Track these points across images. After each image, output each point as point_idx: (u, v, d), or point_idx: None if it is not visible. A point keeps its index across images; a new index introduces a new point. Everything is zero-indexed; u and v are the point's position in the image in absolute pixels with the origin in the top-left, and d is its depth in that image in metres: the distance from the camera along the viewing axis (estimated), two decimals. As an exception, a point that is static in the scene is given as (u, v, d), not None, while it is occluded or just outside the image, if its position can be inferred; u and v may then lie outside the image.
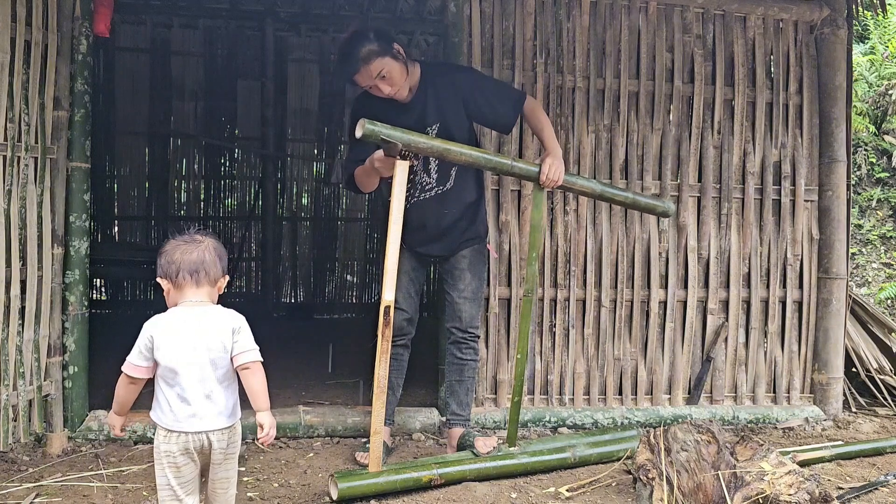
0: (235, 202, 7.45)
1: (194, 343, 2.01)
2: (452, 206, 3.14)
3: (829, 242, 4.01)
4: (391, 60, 2.95)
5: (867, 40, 9.25)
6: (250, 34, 7.06)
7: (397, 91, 3.00)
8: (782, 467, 2.48)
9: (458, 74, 3.19)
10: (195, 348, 2.00)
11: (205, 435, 2.00)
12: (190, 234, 2.13)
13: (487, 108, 3.11)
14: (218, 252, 2.12)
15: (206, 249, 2.09)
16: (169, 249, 2.09)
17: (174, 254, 2.07)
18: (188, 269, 2.06)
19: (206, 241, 2.11)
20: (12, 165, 3.01)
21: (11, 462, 2.97)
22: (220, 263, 2.11)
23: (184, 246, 2.08)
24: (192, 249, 2.08)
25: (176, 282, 2.06)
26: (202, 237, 2.12)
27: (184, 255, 2.07)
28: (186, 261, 2.06)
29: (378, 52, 2.92)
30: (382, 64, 2.93)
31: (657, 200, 3.28)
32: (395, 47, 2.98)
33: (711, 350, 3.92)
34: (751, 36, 4.00)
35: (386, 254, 2.74)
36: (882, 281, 7.18)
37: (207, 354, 2.01)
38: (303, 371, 4.75)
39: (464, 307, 3.20)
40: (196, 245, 2.09)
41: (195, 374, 2.00)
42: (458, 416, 3.26)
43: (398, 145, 2.72)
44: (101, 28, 3.33)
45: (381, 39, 2.95)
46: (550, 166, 2.92)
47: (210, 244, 2.11)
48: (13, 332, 3.03)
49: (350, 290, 7.58)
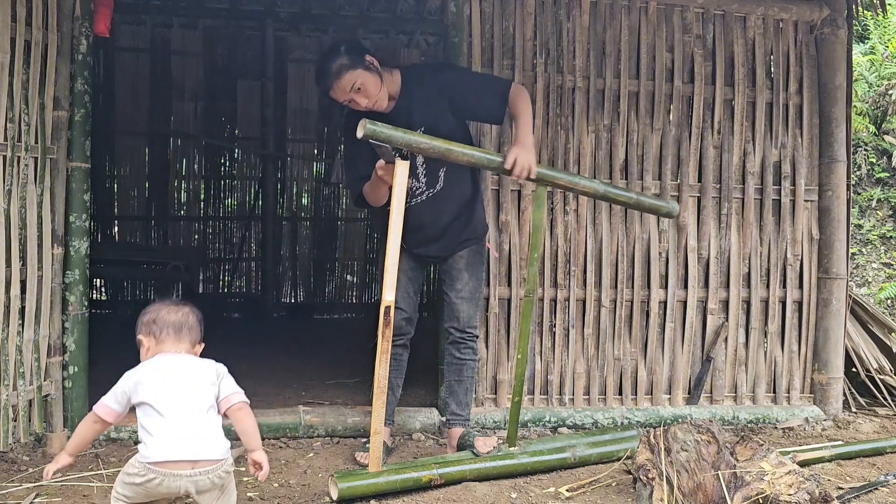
0: (235, 202, 7.46)
1: (182, 380, 2.06)
2: (446, 207, 3.13)
3: (829, 242, 4.01)
4: (363, 72, 2.91)
5: (867, 40, 9.25)
6: (250, 34, 7.06)
7: (374, 103, 2.96)
8: (782, 467, 2.48)
9: (440, 74, 3.17)
10: (183, 385, 2.05)
11: (182, 481, 1.99)
12: (172, 301, 2.26)
13: (474, 101, 3.06)
14: (199, 318, 2.22)
15: (188, 313, 2.20)
16: (153, 310, 2.19)
17: (159, 312, 2.18)
18: (172, 327, 2.15)
19: (188, 307, 2.22)
20: (12, 165, 3.01)
21: (11, 462, 2.97)
22: (198, 328, 2.21)
23: (168, 307, 2.20)
24: (176, 311, 2.19)
25: (159, 338, 2.14)
26: (184, 304, 2.24)
27: (169, 315, 2.17)
28: (171, 319, 2.16)
29: (349, 65, 2.89)
30: (354, 77, 2.90)
31: (661, 201, 3.28)
32: (368, 59, 2.94)
33: (711, 350, 3.92)
34: (751, 36, 4.00)
35: (386, 254, 2.74)
36: (882, 281, 7.18)
37: (195, 392, 2.06)
38: (303, 371, 4.75)
39: (462, 307, 3.20)
40: (179, 308, 2.20)
41: (184, 408, 2.03)
42: (458, 416, 3.26)
43: (391, 150, 2.70)
44: (101, 28, 3.33)
45: (351, 53, 2.92)
46: (516, 157, 2.82)
47: (191, 310, 2.22)
48: (13, 332, 3.03)
49: (350, 290, 7.59)
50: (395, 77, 3.07)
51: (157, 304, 2.22)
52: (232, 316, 7.22)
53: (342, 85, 2.91)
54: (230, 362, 2.23)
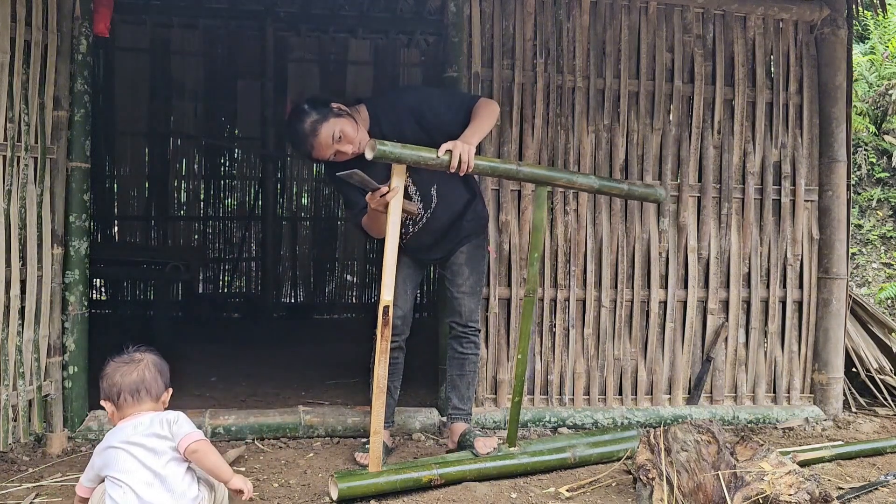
0: (235, 202, 7.46)
1: (137, 446, 2.06)
2: (445, 218, 3.13)
3: (830, 242, 4.01)
4: (336, 120, 2.86)
5: (867, 40, 9.25)
6: (250, 34, 7.06)
7: (358, 145, 2.89)
8: (782, 467, 2.48)
9: (405, 95, 3.18)
10: (139, 451, 2.05)
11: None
12: (129, 353, 2.21)
13: (434, 117, 2.98)
14: (159, 368, 2.20)
15: (145, 368, 2.17)
16: (109, 372, 2.17)
17: (114, 377, 2.15)
18: (128, 391, 2.13)
19: (144, 359, 2.19)
20: (12, 165, 3.01)
21: (11, 462, 2.97)
22: (160, 379, 2.19)
23: (123, 367, 2.16)
24: (131, 370, 2.15)
25: (118, 404, 2.14)
26: (141, 355, 2.20)
27: (123, 378, 2.14)
28: (126, 383, 2.13)
29: (320, 119, 2.85)
30: (331, 127, 2.84)
31: (649, 189, 3.29)
32: (334, 107, 2.90)
33: (711, 350, 3.92)
34: (751, 36, 4.00)
35: (384, 253, 2.74)
36: (882, 281, 7.18)
37: (150, 454, 2.06)
38: (303, 371, 4.75)
39: (463, 302, 3.20)
40: (135, 366, 2.17)
41: (142, 475, 2.03)
42: (460, 411, 3.26)
43: (364, 177, 2.70)
44: (100, 28, 3.33)
45: (317, 106, 2.88)
46: (450, 149, 2.71)
47: (149, 361, 2.19)
48: (13, 332, 3.03)
49: (350, 290, 7.59)
50: (363, 111, 3.03)
51: (113, 365, 2.18)
52: (232, 316, 7.23)
53: (321, 140, 2.86)
54: (230, 362, 2.23)
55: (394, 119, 3.01)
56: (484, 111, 2.93)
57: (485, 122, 2.89)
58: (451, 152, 2.70)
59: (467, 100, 3.05)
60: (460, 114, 2.96)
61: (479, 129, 2.85)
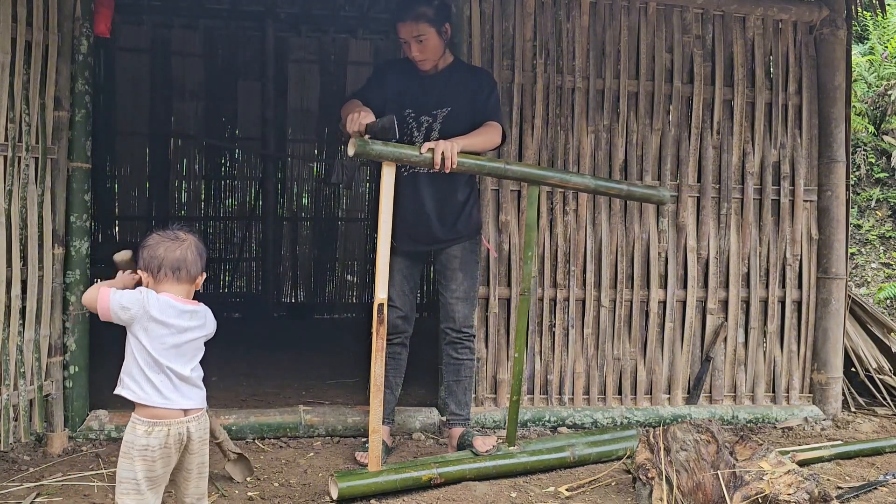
0: (236, 202, 7.45)
1: (181, 324, 2.06)
2: (441, 189, 3.15)
3: (829, 242, 4.02)
4: (435, 34, 3.09)
5: (866, 41, 9.26)
6: (250, 35, 7.06)
7: (424, 61, 3.12)
8: (781, 467, 2.49)
9: (482, 73, 3.34)
10: (180, 328, 2.06)
11: (185, 427, 2.02)
12: (174, 230, 2.16)
13: (477, 114, 3.14)
14: (199, 251, 2.15)
15: (188, 248, 2.12)
16: (152, 244, 2.11)
17: (157, 249, 2.10)
18: (170, 266, 2.09)
19: (188, 240, 2.14)
20: (13, 165, 3.02)
21: (12, 462, 2.97)
22: (200, 262, 2.15)
23: (167, 243, 2.11)
24: (175, 247, 2.11)
25: (157, 277, 2.10)
26: (185, 235, 2.15)
27: (167, 253, 2.10)
28: (169, 258, 2.09)
29: (430, 19, 3.06)
30: (427, 31, 3.06)
31: (651, 190, 3.29)
32: (446, 27, 3.12)
33: (711, 350, 3.92)
34: (750, 36, 4.00)
35: (377, 251, 2.76)
36: (881, 281, 7.19)
37: (190, 336, 2.07)
38: (303, 371, 4.75)
39: (457, 307, 3.20)
40: (179, 243, 2.12)
41: (179, 352, 2.04)
42: (458, 416, 3.27)
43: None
44: (101, 28, 3.33)
45: (439, 11, 3.10)
46: (433, 147, 2.81)
47: (192, 242, 2.15)
48: (14, 332, 3.03)
49: (350, 290, 7.58)
50: (450, 58, 3.24)
51: (157, 237, 2.12)
52: (232, 316, 7.22)
53: (412, 29, 3.07)
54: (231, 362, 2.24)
55: (463, 83, 3.19)
56: (488, 130, 3.09)
57: (480, 138, 3.05)
58: (433, 150, 2.80)
59: (492, 115, 3.17)
60: (478, 117, 3.13)
61: (471, 138, 3.00)
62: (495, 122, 3.13)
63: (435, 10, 3.08)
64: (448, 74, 3.20)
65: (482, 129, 3.07)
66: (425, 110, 3.16)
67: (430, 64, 3.15)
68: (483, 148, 3.07)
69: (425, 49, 3.09)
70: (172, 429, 2.00)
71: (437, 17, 3.09)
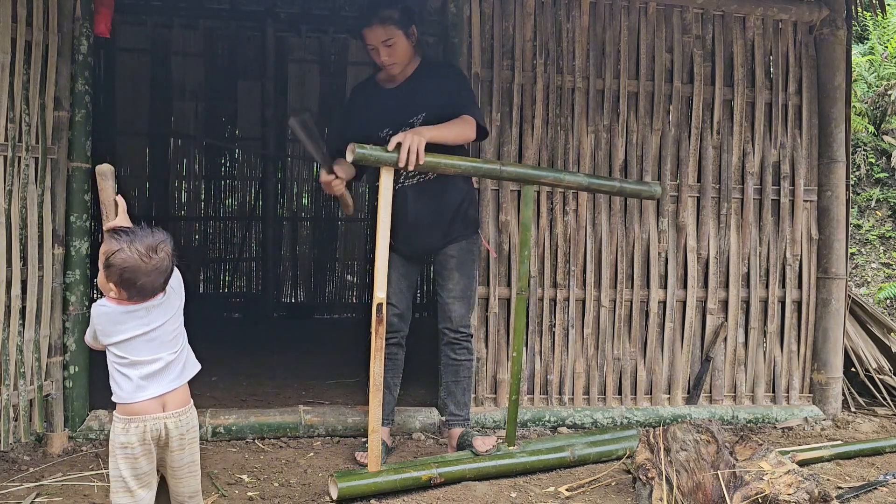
0: (236, 202, 7.46)
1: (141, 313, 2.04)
2: (436, 195, 3.14)
3: (829, 242, 4.02)
4: (403, 37, 3.07)
5: (866, 41, 9.26)
6: (250, 34, 7.06)
7: (393, 65, 3.09)
8: (781, 467, 2.49)
9: (450, 69, 3.33)
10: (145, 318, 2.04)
11: (162, 423, 2.02)
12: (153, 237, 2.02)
13: (445, 109, 3.07)
14: (171, 259, 2.04)
15: (159, 262, 2.01)
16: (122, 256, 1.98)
17: (127, 264, 1.97)
18: (139, 292, 2.02)
19: (161, 251, 2.01)
20: (13, 165, 3.02)
21: (12, 462, 2.97)
22: (168, 271, 2.05)
23: (140, 259, 1.98)
24: (147, 263, 1.98)
25: (128, 294, 2.02)
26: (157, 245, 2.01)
27: (138, 275, 1.98)
28: (141, 283, 2.00)
29: (395, 21, 3.04)
30: (394, 34, 3.04)
31: (643, 185, 3.29)
32: (412, 29, 3.10)
33: (711, 350, 3.92)
34: (750, 36, 4.00)
35: (375, 251, 2.76)
36: (881, 281, 7.19)
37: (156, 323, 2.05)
38: (303, 371, 4.75)
39: (453, 307, 3.20)
40: (151, 258, 1.99)
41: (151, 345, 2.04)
42: (457, 417, 3.26)
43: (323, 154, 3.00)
44: (101, 28, 3.33)
45: (404, 13, 3.07)
46: (399, 140, 2.76)
47: (163, 258, 2.01)
48: (14, 332, 3.04)
49: (350, 290, 7.59)
50: (416, 61, 3.20)
51: (129, 244, 1.97)
52: (232, 316, 7.23)
53: (379, 33, 3.05)
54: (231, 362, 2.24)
55: (435, 84, 3.14)
56: (458, 122, 3.02)
57: (449, 129, 2.98)
58: (399, 146, 2.77)
59: (464, 108, 3.08)
60: (448, 110, 3.06)
61: (439, 130, 2.95)
62: (467, 115, 3.06)
63: (400, 12, 3.05)
64: (417, 79, 3.16)
65: (453, 122, 3.01)
66: (402, 122, 3.08)
67: (399, 68, 3.12)
68: (454, 140, 2.99)
69: (394, 53, 3.07)
70: (149, 424, 2.00)
71: (403, 19, 3.06)
